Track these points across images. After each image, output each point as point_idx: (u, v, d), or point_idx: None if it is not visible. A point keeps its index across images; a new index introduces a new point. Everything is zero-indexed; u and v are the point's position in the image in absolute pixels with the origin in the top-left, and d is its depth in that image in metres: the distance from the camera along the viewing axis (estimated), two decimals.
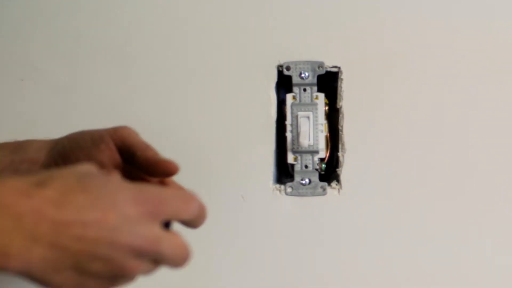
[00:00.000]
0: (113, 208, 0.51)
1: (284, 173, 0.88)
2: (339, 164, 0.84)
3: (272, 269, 0.85)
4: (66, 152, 0.66)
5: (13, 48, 0.87)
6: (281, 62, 0.84)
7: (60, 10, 0.87)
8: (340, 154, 0.84)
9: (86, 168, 0.54)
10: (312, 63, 0.84)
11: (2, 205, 0.49)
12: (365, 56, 0.83)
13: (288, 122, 0.84)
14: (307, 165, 0.84)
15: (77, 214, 0.50)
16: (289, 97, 0.84)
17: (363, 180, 0.83)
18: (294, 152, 0.84)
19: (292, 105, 0.84)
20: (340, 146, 0.84)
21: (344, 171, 0.84)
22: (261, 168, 0.84)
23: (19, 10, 0.87)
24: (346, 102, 0.84)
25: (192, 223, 0.58)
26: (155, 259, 0.54)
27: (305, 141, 0.83)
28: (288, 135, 0.84)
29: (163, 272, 0.85)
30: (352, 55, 0.84)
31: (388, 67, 0.83)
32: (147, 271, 0.54)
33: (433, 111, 0.83)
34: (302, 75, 0.84)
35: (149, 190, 0.54)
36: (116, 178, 0.55)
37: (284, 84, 0.85)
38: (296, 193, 0.85)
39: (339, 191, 0.84)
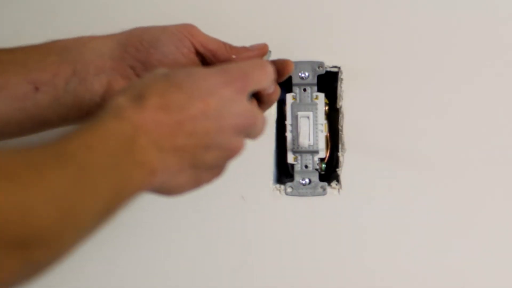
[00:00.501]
0: (211, 95, 0.52)
1: (284, 173, 0.88)
2: (339, 164, 0.84)
3: (272, 269, 0.85)
4: (145, 58, 0.65)
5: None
6: None
7: (60, 10, 0.87)
8: (340, 154, 0.84)
9: (165, 69, 0.54)
10: (312, 63, 0.84)
11: (134, 124, 0.49)
12: (365, 56, 0.83)
13: (288, 122, 0.84)
14: (307, 165, 0.84)
15: (183, 111, 0.51)
16: (289, 97, 0.84)
17: (363, 180, 0.83)
18: (294, 152, 0.84)
19: (292, 105, 0.84)
20: (340, 146, 0.84)
21: (344, 171, 0.84)
22: (261, 168, 0.84)
23: (19, 10, 0.87)
24: (346, 102, 0.84)
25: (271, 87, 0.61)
26: (248, 133, 0.55)
27: (305, 141, 0.83)
28: (288, 135, 0.84)
29: (163, 272, 0.85)
30: (352, 55, 0.84)
31: (388, 67, 0.83)
32: (244, 147, 0.56)
33: (433, 110, 0.83)
34: (302, 75, 0.84)
35: (231, 68, 0.55)
36: (195, 68, 0.55)
37: (284, 84, 0.85)
38: (296, 193, 0.85)
39: (339, 191, 0.84)
